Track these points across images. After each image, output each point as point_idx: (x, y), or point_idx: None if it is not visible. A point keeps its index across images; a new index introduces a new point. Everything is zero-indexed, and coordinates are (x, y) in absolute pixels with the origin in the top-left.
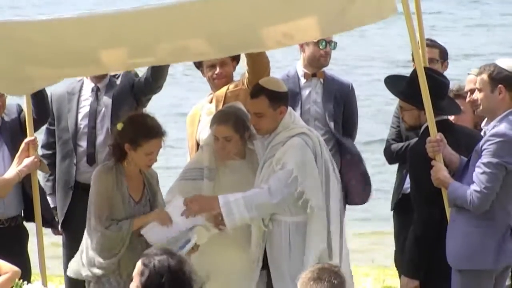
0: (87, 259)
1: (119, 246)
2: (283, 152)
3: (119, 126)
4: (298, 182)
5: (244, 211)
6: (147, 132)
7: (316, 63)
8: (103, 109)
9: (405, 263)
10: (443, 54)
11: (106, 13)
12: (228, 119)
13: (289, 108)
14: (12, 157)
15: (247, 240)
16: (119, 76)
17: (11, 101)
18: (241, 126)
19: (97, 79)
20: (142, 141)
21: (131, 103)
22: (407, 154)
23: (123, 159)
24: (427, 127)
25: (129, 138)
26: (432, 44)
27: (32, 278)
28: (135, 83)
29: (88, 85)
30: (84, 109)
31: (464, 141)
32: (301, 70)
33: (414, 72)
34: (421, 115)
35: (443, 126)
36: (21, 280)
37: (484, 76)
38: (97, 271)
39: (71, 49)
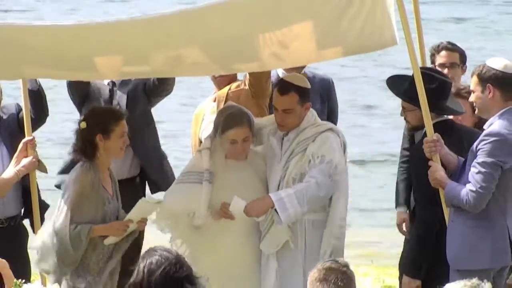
0: (51, 261)
1: (77, 254)
2: (318, 146)
3: (83, 124)
4: (336, 173)
5: (297, 206)
6: (114, 115)
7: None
8: (117, 104)
9: (407, 262)
10: (463, 58)
11: (102, 21)
12: (243, 120)
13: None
14: (11, 156)
15: (250, 234)
16: None
17: (11, 100)
18: (252, 124)
19: None
20: (113, 125)
21: (144, 102)
22: (409, 155)
23: (94, 156)
24: None
25: (99, 128)
26: (452, 48)
27: (32, 278)
28: (146, 83)
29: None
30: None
31: (467, 141)
32: (282, 73)
33: None
34: None
35: (445, 126)
36: (21, 280)
37: (474, 77)
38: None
39: (66, 55)
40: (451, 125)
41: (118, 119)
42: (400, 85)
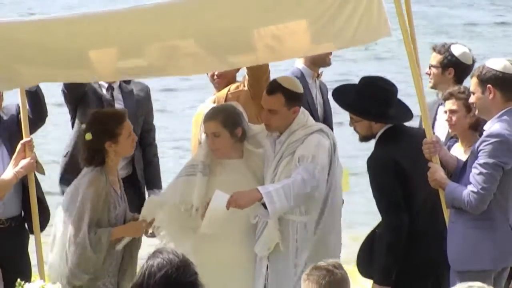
0: (67, 271)
1: (99, 259)
2: (304, 149)
3: (88, 136)
4: (318, 173)
5: (284, 201)
6: (117, 118)
7: (322, 63)
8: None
9: (376, 271)
10: (448, 63)
11: (96, 13)
12: (217, 115)
13: (301, 108)
14: (11, 157)
15: (245, 237)
16: (129, 82)
17: (11, 100)
18: (230, 122)
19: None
20: (118, 128)
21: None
22: (367, 163)
23: (104, 162)
24: (381, 136)
25: (107, 135)
26: (438, 50)
27: (33, 278)
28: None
29: (103, 83)
30: None
31: (419, 143)
32: (306, 70)
33: (361, 84)
34: (372, 124)
35: (395, 132)
36: (24, 281)
37: (474, 78)
38: (79, 282)
39: (61, 49)
40: (400, 131)
41: (121, 121)
42: (346, 96)
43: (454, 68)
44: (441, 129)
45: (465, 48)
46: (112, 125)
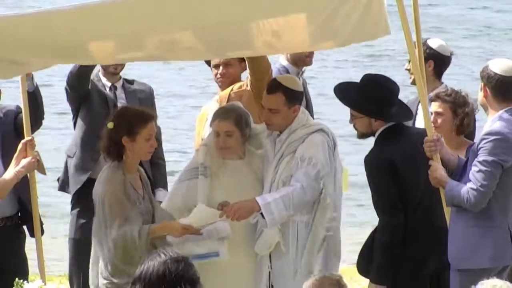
0: (106, 269)
1: (139, 253)
2: (306, 148)
3: (110, 125)
4: (320, 176)
5: (283, 210)
6: (140, 118)
7: (302, 63)
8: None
9: (372, 270)
10: (426, 56)
11: (94, 5)
12: (229, 115)
13: (301, 107)
14: (3, 157)
15: (245, 236)
16: (133, 82)
17: (12, 101)
18: (242, 122)
19: (112, 77)
20: (138, 128)
21: None
22: (364, 162)
23: (121, 157)
24: (380, 134)
25: (125, 130)
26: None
27: (32, 278)
28: None
29: (106, 82)
30: None
31: (420, 141)
32: (291, 67)
33: (363, 81)
34: (372, 122)
35: (395, 131)
36: (22, 280)
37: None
38: (119, 281)
39: (59, 40)
40: (400, 130)
41: (145, 122)
42: (347, 92)
43: (434, 60)
44: (422, 126)
45: (441, 41)
46: (133, 122)
